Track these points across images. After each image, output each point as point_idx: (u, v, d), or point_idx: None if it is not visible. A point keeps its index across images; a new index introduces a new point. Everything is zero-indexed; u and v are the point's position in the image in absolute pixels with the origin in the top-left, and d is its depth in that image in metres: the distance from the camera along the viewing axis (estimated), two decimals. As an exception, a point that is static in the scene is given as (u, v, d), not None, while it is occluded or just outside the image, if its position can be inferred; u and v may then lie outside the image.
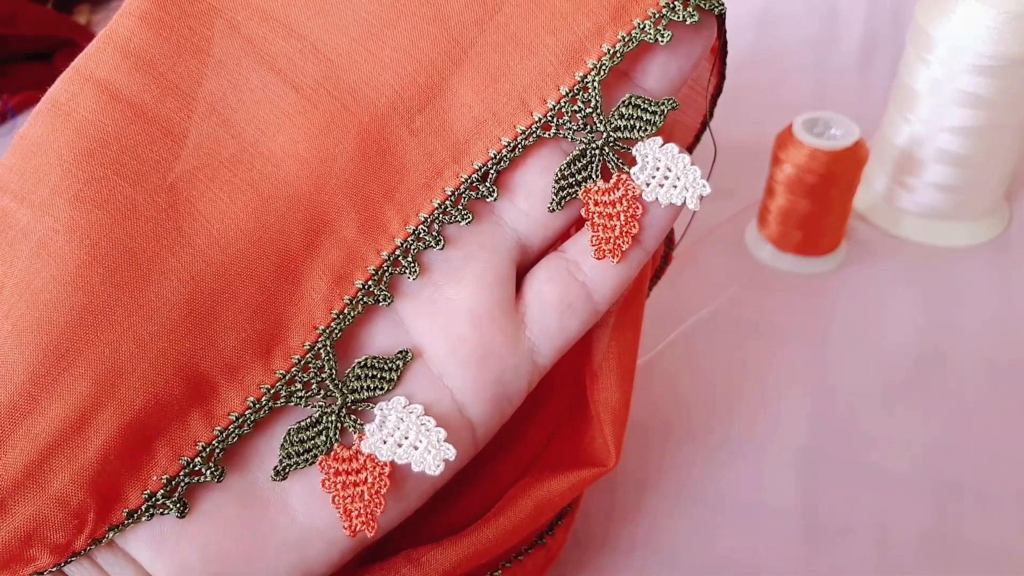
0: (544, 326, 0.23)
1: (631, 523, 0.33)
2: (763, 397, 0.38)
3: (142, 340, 0.19)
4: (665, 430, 0.36)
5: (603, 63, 0.22)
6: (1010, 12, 0.38)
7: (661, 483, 0.34)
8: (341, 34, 0.22)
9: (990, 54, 0.39)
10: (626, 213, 0.23)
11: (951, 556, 0.32)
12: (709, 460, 0.35)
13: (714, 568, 0.32)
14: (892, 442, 0.36)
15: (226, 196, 0.21)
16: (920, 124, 0.43)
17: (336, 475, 0.21)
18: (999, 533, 0.32)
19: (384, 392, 0.22)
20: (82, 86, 0.21)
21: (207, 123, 0.21)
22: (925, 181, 0.44)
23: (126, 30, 0.21)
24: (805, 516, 0.33)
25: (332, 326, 0.22)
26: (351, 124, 0.22)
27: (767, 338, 0.41)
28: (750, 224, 0.46)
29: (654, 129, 0.23)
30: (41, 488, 0.19)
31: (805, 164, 0.41)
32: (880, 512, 0.33)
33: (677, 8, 0.22)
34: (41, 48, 0.59)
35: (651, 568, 0.32)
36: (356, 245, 0.22)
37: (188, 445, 0.20)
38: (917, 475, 0.34)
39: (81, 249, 0.19)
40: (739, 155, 0.47)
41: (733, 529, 0.33)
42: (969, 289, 0.43)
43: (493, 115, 0.22)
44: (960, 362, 0.39)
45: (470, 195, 0.23)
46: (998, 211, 0.46)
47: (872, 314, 0.42)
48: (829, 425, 0.36)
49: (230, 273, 0.20)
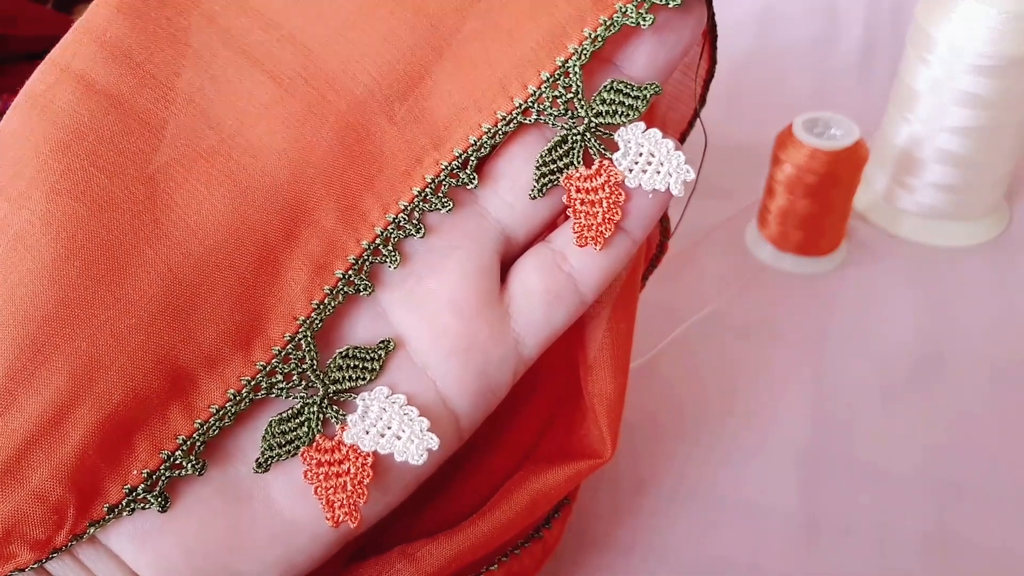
0: (530, 317, 0.23)
1: (630, 523, 0.33)
2: (763, 397, 0.38)
3: (119, 333, 0.19)
4: (664, 430, 0.36)
5: (584, 48, 0.22)
6: (1010, 12, 0.38)
7: (660, 483, 0.34)
8: (319, 23, 0.22)
9: (990, 54, 0.39)
10: (608, 200, 0.23)
11: (951, 556, 0.32)
12: (708, 460, 0.35)
13: (713, 568, 0.32)
14: (892, 442, 0.36)
15: (203, 188, 0.21)
16: (920, 124, 0.43)
17: (318, 466, 0.21)
18: (999, 533, 0.32)
19: (366, 383, 0.22)
20: (58, 77, 0.21)
21: (184, 114, 0.21)
22: (925, 181, 0.44)
23: (102, 20, 0.21)
24: (805, 516, 0.33)
25: (313, 316, 0.21)
26: (329, 113, 0.21)
27: (767, 338, 0.41)
28: (750, 224, 0.46)
29: (636, 114, 0.22)
30: (19, 484, 0.19)
31: (805, 164, 0.41)
32: (880, 512, 0.33)
33: None
34: (41, 48, 0.58)
35: (650, 568, 0.32)
36: (336, 234, 0.22)
37: (168, 439, 0.20)
38: (917, 475, 0.34)
39: (58, 242, 0.19)
40: (739, 155, 0.47)
41: (732, 529, 0.33)
42: (969, 289, 0.43)
43: (473, 102, 0.22)
44: (960, 362, 0.39)
45: (450, 182, 0.22)
46: (998, 211, 0.46)
47: (872, 314, 0.42)
48: (829, 425, 0.36)
49: (208, 265, 0.20)
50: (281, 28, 0.22)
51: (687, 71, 0.28)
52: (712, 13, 0.24)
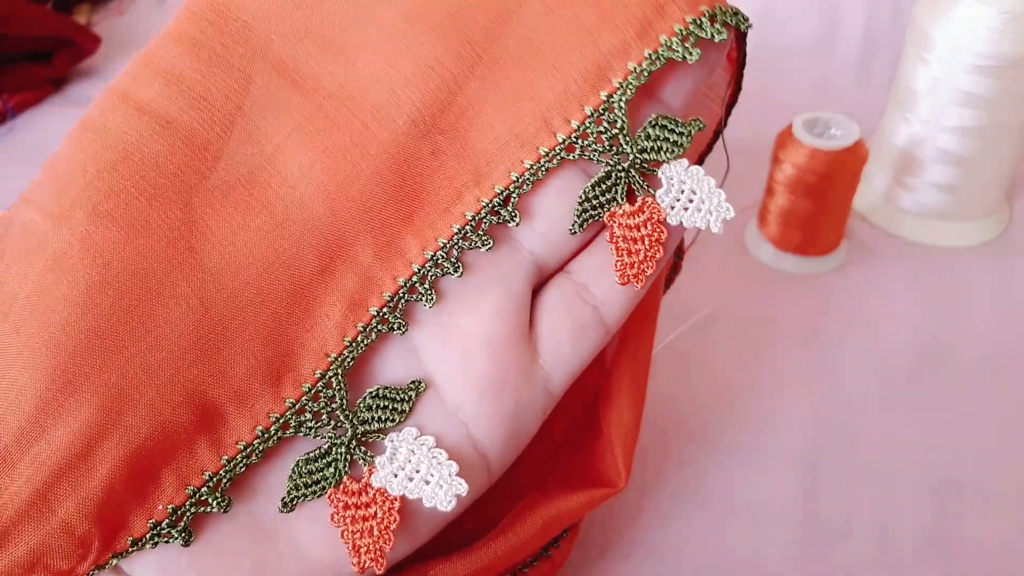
0: (557, 354, 0.23)
1: (631, 523, 0.33)
2: (763, 397, 0.38)
3: (149, 367, 0.19)
4: (665, 430, 0.36)
5: (629, 82, 0.22)
6: (1010, 12, 0.38)
7: (660, 483, 0.34)
8: (368, 50, 0.21)
9: (990, 54, 0.39)
10: (650, 237, 0.22)
11: (951, 556, 0.32)
12: (709, 460, 0.35)
13: (714, 568, 0.32)
14: (892, 442, 0.36)
15: (240, 216, 0.20)
16: (920, 124, 0.43)
17: (345, 509, 0.21)
18: (999, 533, 0.32)
19: (395, 424, 0.21)
20: (113, 103, 0.21)
21: (228, 138, 0.21)
22: (925, 181, 0.44)
23: (160, 48, 0.21)
24: (805, 516, 0.33)
25: (344, 354, 0.21)
26: (371, 144, 0.21)
27: (767, 338, 0.41)
28: (750, 224, 0.46)
29: (681, 151, 0.22)
30: (46, 517, 0.19)
31: (805, 164, 0.41)
32: (880, 512, 0.33)
33: (704, 25, 0.21)
34: (41, 48, 0.59)
35: (650, 568, 0.32)
36: (372, 271, 0.21)
37: (195, 474, 0.20)
38: (917, 475, 0.34)
39: (93, 268, 0.19)
40: (739, 155, 0.46)
41: (733, 529, 0.33)
42: (969, 289, 0.43)
43: (516, 136, 0.22)
44: (960, 362, 0.39)
45: (491, 220, 0.22)
46: (998, 211, 0.46)
47: (872, 314, 0.42)
48: (829, 425, 0.36)
49: (241, 299, 0.20)
50: (336, 55, 0.21)
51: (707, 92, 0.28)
52: (744, 42, 0.24)
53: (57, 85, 0.61)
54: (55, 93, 0.60)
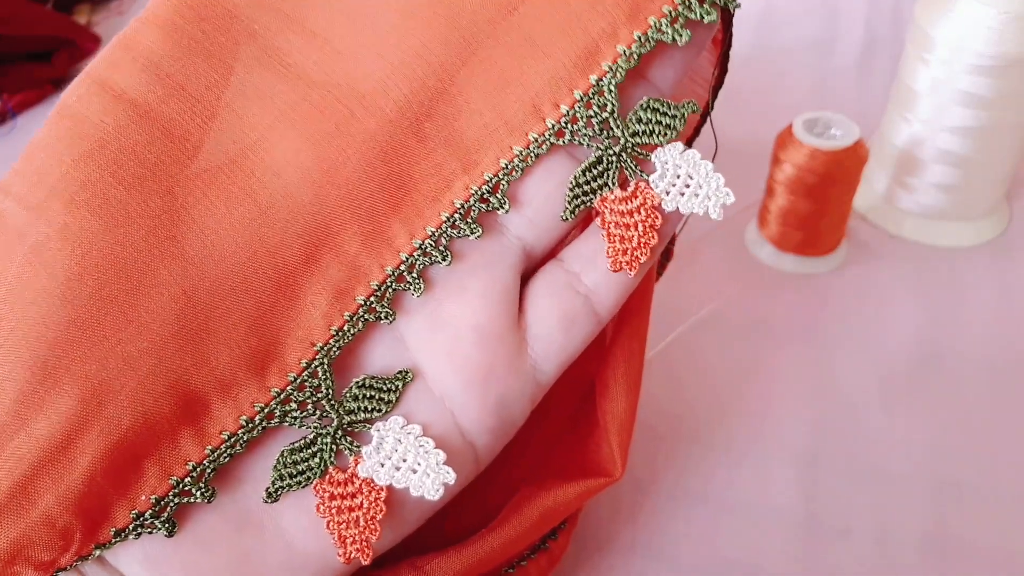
0: (546, 343, 0.22)
1: (631, 523, 0.33)
2: (763, 397, 0.38)
3: (131, 357, 0.19)
4: (664, 430, 0.36)
5: (618, 65, 0.21)
6: (1010, 12, 0.38)
7: (660, 483, 0.34)
8: (354, 39, 0.21)
9: (990, 54, 0.39)
10: (644, 223, 0.22)
11: (951, 556, 0.32)
12: (708, 460, 0.35)
13: (714, 568, 0.32)
14: (892, 442, 0.36)
15: (223, 204, 0.20)
16: (920, 124, 0.43)
17: (331, 499, 0.21)
18: (999, 533, 0.32)
19: (382, 414, 0.21)
20: (89, 88, 0.20)
21: (209, 128, 0.20)
22: (925, 181, 0.44)
23: (138, 34, 0.21)
24: (805, 516, 0.33)
25: (330, 343, 0.21)
26: (357, 132, 0.21)
27: (767, 338, 0.41)
28: (750, 224, 0.46)
29: (674, 134, 0.22)
30: (26, 510, 0.19)
31: (805, 164, 0.41)
32: (880, 512, 0.33)
33: (693, 6, 0.21)
34: (41, 48, 0.59)
35: (650, 568, 0.32)
36: (359, 259, 0.21)
37: (178, 464, 0.20)
38: (917, 475, 0.34)
39: (72, 259, 0.19)
40: (739, 155, 0.46)
41: (733, 529, 0.33)
42: (969, 289, 0.43)
43: (504, 123, 0.21)
44: (960, 362, 0.39)
45: (480, 207, 0.22)
46: (998, 211, 0.46)
47: (872, 314, 0.42)
48: (829, 425, 0.36)
49: (225, 287, 0.20)
50: (323, 45, 0.21)
51: (692, 76, 0.28)
52: (730, 22, 0.23)
53: (57, 85, 0.60)
54: (55, 93, 0.60)
